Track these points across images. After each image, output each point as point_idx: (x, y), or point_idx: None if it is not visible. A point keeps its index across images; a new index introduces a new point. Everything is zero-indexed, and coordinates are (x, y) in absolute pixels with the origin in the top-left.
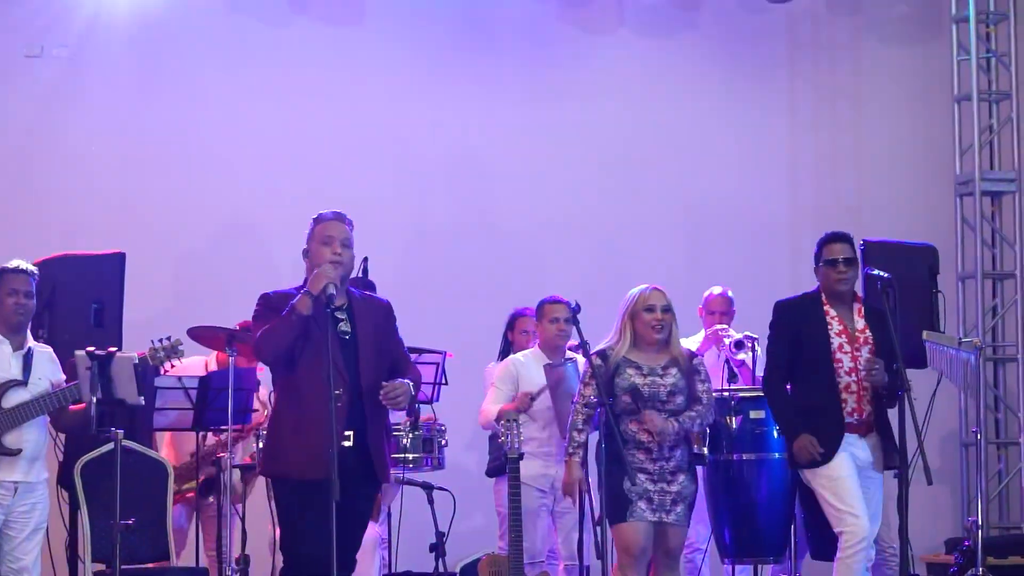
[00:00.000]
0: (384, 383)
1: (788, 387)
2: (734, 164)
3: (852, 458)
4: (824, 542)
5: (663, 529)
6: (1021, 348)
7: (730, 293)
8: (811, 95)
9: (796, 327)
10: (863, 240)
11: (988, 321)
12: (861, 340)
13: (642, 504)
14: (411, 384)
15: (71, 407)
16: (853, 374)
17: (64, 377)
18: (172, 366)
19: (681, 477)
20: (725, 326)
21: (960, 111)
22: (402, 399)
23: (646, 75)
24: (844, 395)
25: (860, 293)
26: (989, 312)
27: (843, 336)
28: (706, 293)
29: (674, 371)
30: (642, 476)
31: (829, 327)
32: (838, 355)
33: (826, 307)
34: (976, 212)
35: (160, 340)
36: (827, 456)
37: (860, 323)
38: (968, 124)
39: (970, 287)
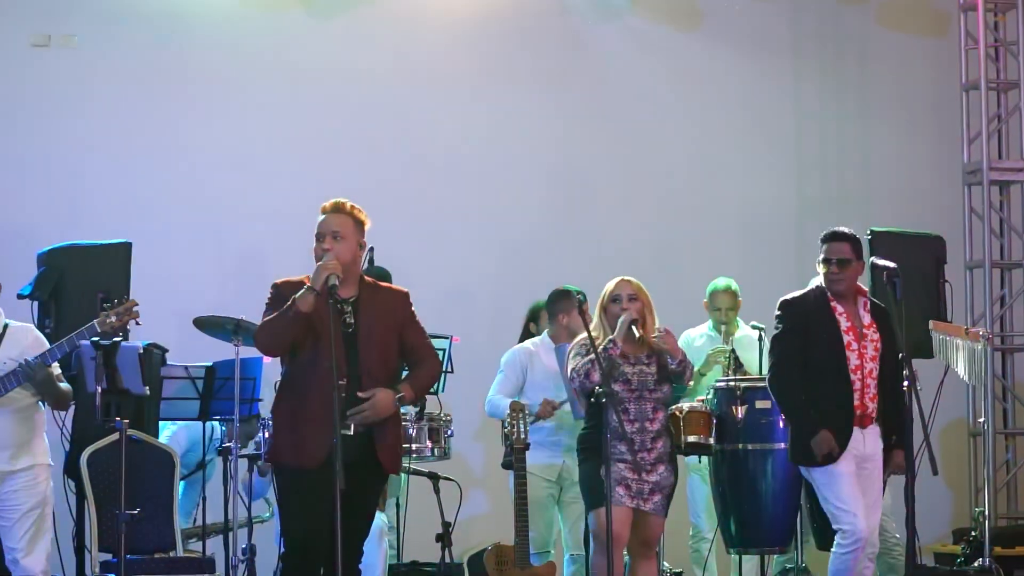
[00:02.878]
0: (359, 393)
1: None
2: (740, 154)
3: (852, 453)
4: (830, 532)
5: (640, 517)
6: None
7: (734, 285)
8: (817, 84)
9: (805, 323)
10: (870, 229)
11: (996, 311)
12: (868, 337)
13: (620, 490)
14: (402, 396)
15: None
16: (859, 371)
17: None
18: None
19: (661, 468)
20: (726, 349)
21: (968, 100)
22: (368, 416)
23: (650, 66)
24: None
25: (868, 282)
26: (997, 302)
27: (851, 333)
28: (709, 287)
29: (654, 360)
30: (620, 465)
31: (839, 323)
32: (846, 352)
33: (833, 303)
34: (984, 201)
35: (112, 303)
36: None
37: (867, 319)
38: (976, 113)
39: (978, 276)
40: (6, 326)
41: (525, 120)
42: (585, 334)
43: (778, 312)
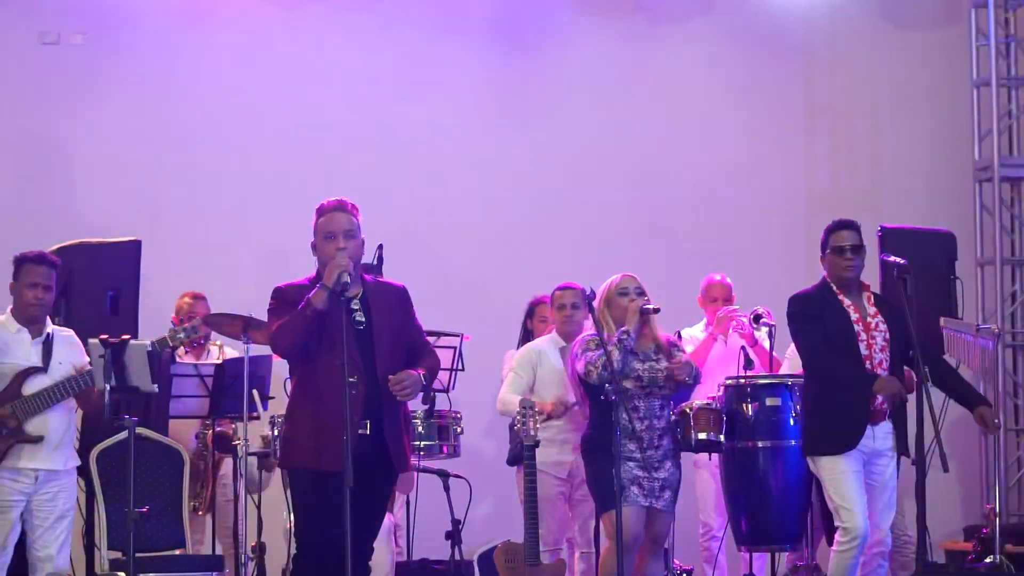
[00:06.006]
0: (390, 376)
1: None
2: (750, 150)
3: (860, 450)
4: None
5: (652, 515)
6: None
7: (728, 280)
8: (827, 80)
9: (820, 314)
10: (880, 226)
11: (1007, 308)
12: (873, 327)
13: (635, 489)
14: (422, 374)
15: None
16: (868, 362)
17: (87, 360)
18: (192, 347)
19: (668, 464)
20: (735, 307)
21: (979, 97)
22: (410, 390)
23: (660, 61)
24: None
25: (878, 280)
26: (1008, 298)
27: (859, 324)
28: (704, 281)
29: (662, 356)
30: (630, 464)
31: (848, 314)
32: (857, 342)
33: (840, 296)
34: (995, 198)
35: (181, 322)
36: (851, 443)
37: (871, 310)
38: (987, 110)
39: (989, 273)
40: (52, 333)
41: (534, 118)
42: (589, 331)
43: (791, 309)
